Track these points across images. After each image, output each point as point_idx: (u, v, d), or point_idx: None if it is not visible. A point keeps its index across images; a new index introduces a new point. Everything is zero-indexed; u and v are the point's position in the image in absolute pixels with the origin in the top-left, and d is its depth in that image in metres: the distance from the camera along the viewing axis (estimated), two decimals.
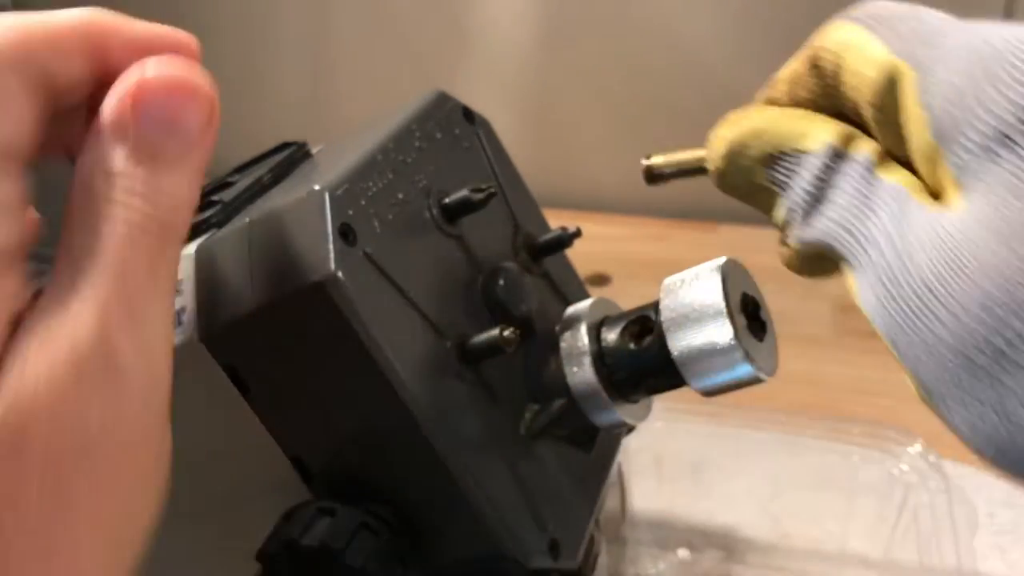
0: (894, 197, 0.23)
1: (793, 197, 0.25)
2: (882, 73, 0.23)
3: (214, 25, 0.95)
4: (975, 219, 0.21)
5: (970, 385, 0.21)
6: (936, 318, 0.21)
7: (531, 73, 0.90)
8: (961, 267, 0.21)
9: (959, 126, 0.21)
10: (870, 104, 0.24)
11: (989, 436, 0.21)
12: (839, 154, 0.24)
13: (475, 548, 0.27)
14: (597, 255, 0.78)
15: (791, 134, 0.25)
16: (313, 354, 0.26)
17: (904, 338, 0.22)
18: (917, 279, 0.22)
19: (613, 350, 0.29)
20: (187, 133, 0.21)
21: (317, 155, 0.33)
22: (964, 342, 0.21)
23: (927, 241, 0.22)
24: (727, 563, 0.52)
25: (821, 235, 0.24)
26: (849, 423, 0.50)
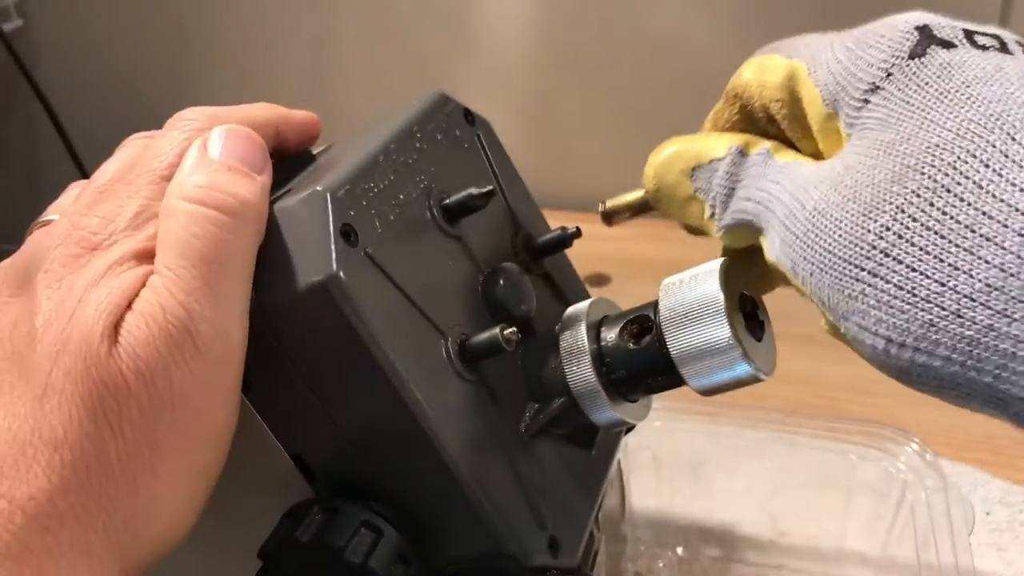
0: (788, 168, 0.27)
1: (712, 196, 0.29)
2: (783, 74, 0.28)
3: (215, 26, 0.96)
4: (854, 152, 0.25)
5: (862, 291, 0.24)
6: (828, 235, 0.25)
7: (531, 74, 0.90)
8: (842, 187, 0.25)
9: (845, 89, 0.26)
10: (777, 101, 0.28)
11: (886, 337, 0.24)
12: (742, 153, 0.29)
13: (475, 546, 0.28)
14: (597, 255, 0.78)
15: (704, 149, 0.30)
16: (315, 353, 0.27)
17: (805, 265, 0.25)
18: (809, 209, 0.25)
19: (612, 349, 0.30)
20: (253, 163, 0.28)
21: (319, 156, 0.33)
22: (853, 251, 0.24)
23: (817, 182, 0.26)
24: (725, 561, 0.52)
25: (736, 215, 0.28)
26: (847, 422, 0.50)
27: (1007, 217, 0.22)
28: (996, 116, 0.23)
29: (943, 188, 0.23)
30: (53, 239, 0.27)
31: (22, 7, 0.97)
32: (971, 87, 0.24)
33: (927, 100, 0.24)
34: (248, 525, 0.28)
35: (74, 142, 0.91)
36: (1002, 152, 0.23)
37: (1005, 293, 0.22)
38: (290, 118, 0.32)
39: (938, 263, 0.23)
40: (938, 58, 0.25)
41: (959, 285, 0.22)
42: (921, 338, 0.23)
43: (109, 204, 0.27)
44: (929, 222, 0.23)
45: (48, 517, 0.24)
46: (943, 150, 0.23)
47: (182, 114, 0.30)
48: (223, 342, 0.25)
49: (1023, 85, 0.24)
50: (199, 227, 0.26)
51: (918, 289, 0.23)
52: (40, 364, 0.25)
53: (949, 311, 0.22)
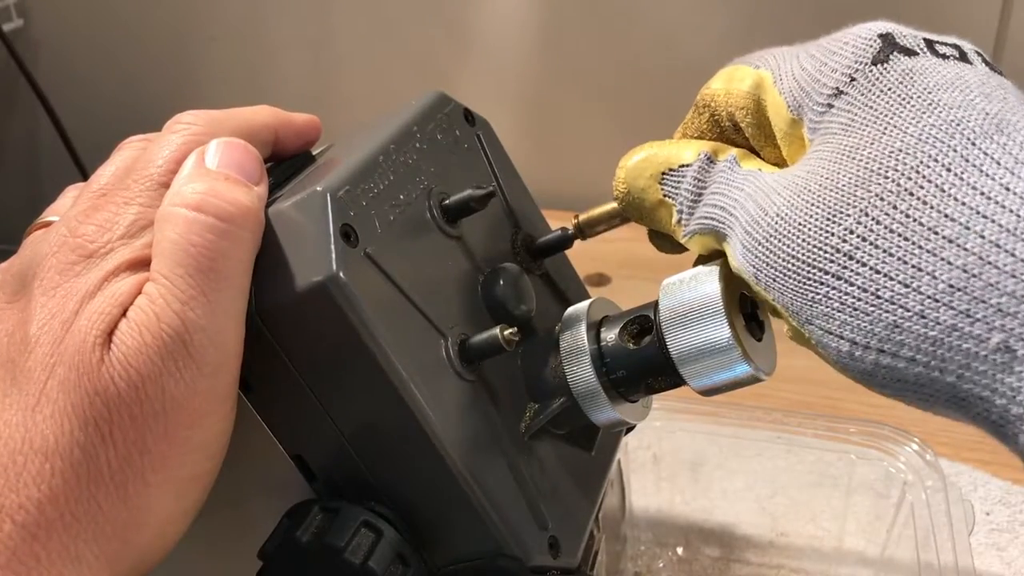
0: (753, 176, 0.28)
1: (680, 201, 0.29)
2: (750, 82, 0.29)
3: (215, 26, 0.96)
4: (817, 157, 0.26)
5: (826, 294, 0.24)
6: (791, 240, 0.25)
7: (531, 74, 0.90)
8: (806, 192, 0.25)
9: (809, 95, 0.27)
10: (743, 109, 0.29)
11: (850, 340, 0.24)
12: (711, 159, 0.29)
13: (475, 546, 0.28)
14: (597, 255, 0.79)
15: (674, 154, 0.30)
16: (315, 354, 0.27)
17: (768, 271, 0.26)
18: (772, 215, 0.26)
19: (612, 349, 0.30)
20: (250, 173, 0.28)
21: (319, 156, 0.33)
22: (817, 255, 0.24)
23: (780, 188, 0.26)
24: (725, 561, 0.52)
25: (701, 222, 0.29)
26: (846, 422, 0.50)
27: (969, 220, 0.22)
28: (957, 122, 0.24)
29: (906, 192, 0.23)
30: (49, 245, 0.27)
31: (22, 7, 0.97)
32: (933, 93, 0.24)
33: (890, 105, 0.25)
34: (248, 525, 0.28)
35: (74, 142, 0.90)
36: (963, 157, 0.23)
37: (967, 293, 0.22)
38: (290, 122, 0.32)
39: (902, 265, 0.23)
40: (901, 64, 0.25)
41: (922, 286, 0.22)
42: (885, 339, 0.23)
43: (105, 211, 0.27)
44: (893, 225, 0.23)
45: (37, 526, 0.24)
46: (906, 155, 0.24)
47: (180, 117, 0.30)
48: (217, 351, 0.25)
49: (983, 93, 0.24)
50: (196, 234, 0.25)
51: (882, 291, 0.23)
52: (34, 373, 0.25)
53: (913, 312, 0.23)
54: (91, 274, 0.26)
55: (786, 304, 0.25)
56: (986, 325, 0.22)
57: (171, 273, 0.25)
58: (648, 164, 0.30)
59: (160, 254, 0.26)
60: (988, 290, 0.22)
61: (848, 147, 0.25)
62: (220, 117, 0.30)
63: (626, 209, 0.31)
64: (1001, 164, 0.23)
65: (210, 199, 0.26)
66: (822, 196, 0.25)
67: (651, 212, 0.30)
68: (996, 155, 0.23)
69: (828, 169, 0.25)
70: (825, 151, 0.26)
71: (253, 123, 0.31)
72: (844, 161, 0.25)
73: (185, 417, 0.25)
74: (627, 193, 0.30)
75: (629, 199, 0.30)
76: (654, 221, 0.30)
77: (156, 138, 0.29)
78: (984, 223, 0.22)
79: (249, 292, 0.26)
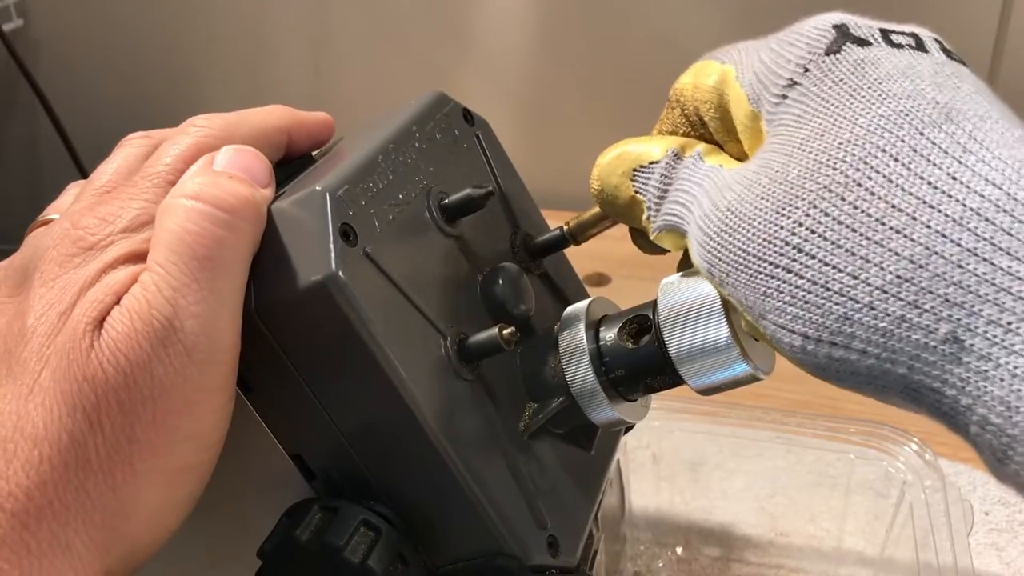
0: (713, 171, 0.28)
1: (648, 197, 0.29)
2: (715, 77, 0.29)
3: (215, 26, 0.96)
4: (769, 150, 0.26)
5: (777, 287, 0.24)
6: (742, 234, 0.25)
7: (531, 73, 0.90)
8: (756, 186, 0.25)
9: (765, 87, 0.27)
10: (708, 103, 0.29)
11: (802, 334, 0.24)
12: (678, 156, 0.29)
13: (475, 545, 0.28)
14: (597, 255, 0.78)
15: (644, 151, 0.30)
16: (314, 353, 0.27)
17: (721, 265, 0.26)
18: (723, 209, 0.26)
19: (611, 349, 0.30)
20: (257, 176, 0.28)
21: (317, 156, 0.33)
22: (767, 248, 0.24)
23: (732, 182, 0.26)
24: (724, 561, 0.52)
25: (665, 218, 0.29)
26: (846, 422, 0.50)
27: (915, 210, 0.22)
28: (906, 112, 0.24)
29: (854, 183, 0.23)
30: (51, 239, 0.27)
31: (22, 7, 0.97)
32: (883, 83, 0.24)
33: (841, 96, 0.25)
34: (247, 524, 0.28)
35: (74, 142, 0.91)
36: (911, 147, 0.23)
37: (915, 284, 0.22)
38: (303, 122, 0.32)
39: (850, 256, 0.23)
40: (853, 55, 0.25)
41: (871, 277, 0.22)
42: (836, 332, 0.23)
43: (109, 206, 0.27)
44: (840, 216, 0.23)
45: (27, 513, 0.24)
46: (854, 145, 0.24)
47: (193, 120, 0.30)
48: (209, 339, 0.25)
49: (934, 82, 0.24)
50: (193, 223, 0.25)
51: (831, 283, 0.23)
52: (29, 363, 0.25)
53: (862, 303, 0.23)
54: (90, 266, 0.26)
55: (739, 298, 0.25)
56: (934, 316, 0.22)
57: (166, 261, 0.25)
58: (620, 162, 0.30)
59: (157, 243, 0.26)
60: (935, 280, 0.22)
61: (799, 139, 0.25)
62: (233, 120, 0.30)
63: (602, 207, 0.31)
64: (949, 153, 0.23)
65: (210, 189, 0.26)
66: (772, 189, 0.25)
67: (625, 209, 0.30)
68: (944, 144, 0.23)
69: (778, 162, 0.25)
70: (777, 144, 0.26)
71: (266, 126, 0.31)
72: (794, 153, 0.25)
73: (174, 405, 0.25)
74: (601, 191, 0.31)
75: (603, 196, 0.31)
76: (629, 218, 0.31)
77: (168, 139, 0.30)
78: (931, 213, 0.22)
79: (248, 291, 0.26)
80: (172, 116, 0.30)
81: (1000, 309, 0.21)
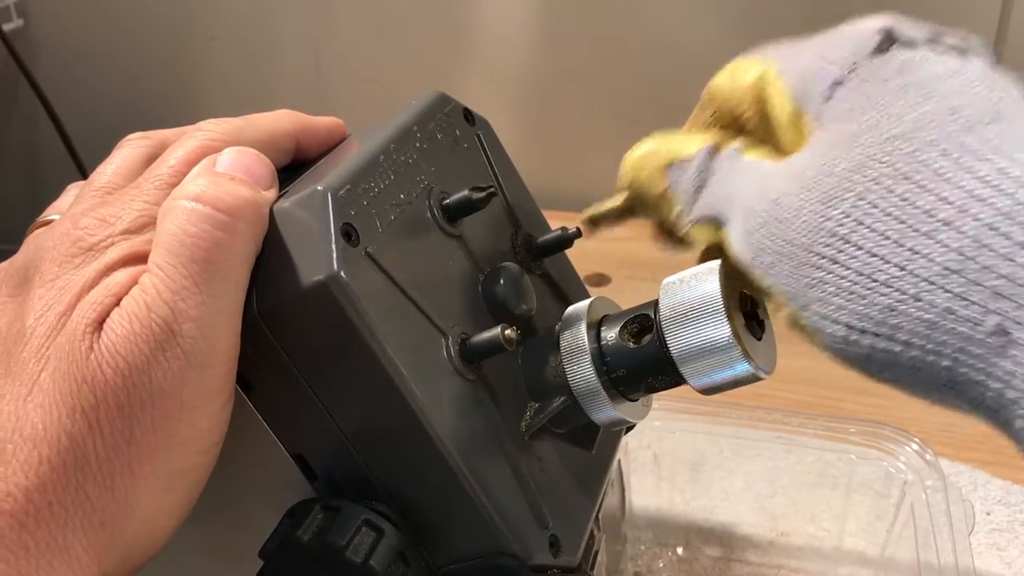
0: (755, 165, 0.28)
1: (682, 191, 0.30)
2: (755, 75, 0.29)
3: (215, 26, 0.96)
4: (817, 144, 0.26)
5: (822, 278, 0.24)
6: (788, 224, 0.25)
7: (531, 74, 0.90)
8: (803, 178, 0.25)
9: (813, 85, 0.27)
10: (747, 102, 0.29)
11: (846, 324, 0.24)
12: (714, 151, 0.29)
13: (476, 545, 0.28)
14: (597, 255, 0.79)
15: (678, 147, 0.30)
16: (316, 353, 0.27)
17: (765, 255, 0.26)
18: (770, 199, 0.26)
19: (613, 349, 0.30)
20: (259, 178, 0.28)
21: (318, 157, 0.33)
22: (813, 238, 0.24)
23: (779, 174, 0.26)
24: (725, 561, 0.52)
25: (703, 210, 0.29)
26: (847, 422, 0.50)
27: (964, 203, 0.22)
28: (954, 110, 0.24)
29: (902, 176, 0.23)
30: (52, 239, 0.27)
31: (22, 7, 0.97)
32: (931, 83, 0.25)
33: (888, 94, 0.25)
34: (249, 525, 0.28)
35: (74, 142, 0.91)
36: (959, 143, 0.23)
37: (963, 276, 0.22)
38: (313, 128, 0.32)
39: (897, 248, 0.23)
40: (900, 56, 0.26)
41: (918, 269, 0.23)
42: (881, 323, 0.23)
43: (110, 207, 0.27)
44: (889, 208, 0.23)
45: (25, 514, 0.24)
46: (903, 140, 0.24)
47: (202, 124, 0.30)
48: (208, 342, 0.25)
49: (983, 83, 0.24)
50: (193, 224, 0.25)
51: (877, 274, 0.23)
52: (28, 364, 0.25)
53: (908, 295, 0.23)
54: (90, 267, 0.26)
55: (783, 288, 0.25)
56: (981, 308, 0.22)
57: (165, 263, 0.25)
58: (653, 156, 0.30)
59: (157, 245, 0.26)
60: (983, 272, 0.22)
61: (847, 134, 0.25)
62: (240, 125, 0.30)
63: (630, 201, 0.31)
64: (998, 150, 0.23)
65: (210, 191, 0.26)
66: (819, 181, 0.25)
67: (656, 203, 0.30)
68: (994, 141, 0.23)
69: (826, 155, 0.25)
70: (824, 139, 0.26)
71: (274, 131, 0.31)
72: (842, 147, 0.25)
73: (173, 408, 0.25)
74: (631, 185, 0.31)
75: (633, 191, 0.31)
76: (659, 211, 0.31)
77: (174, 143, 0.30)
78: (980, 206, 0.22)
79: (249, 290, 0.26)
80: (172, 116, 0.30)
81: None
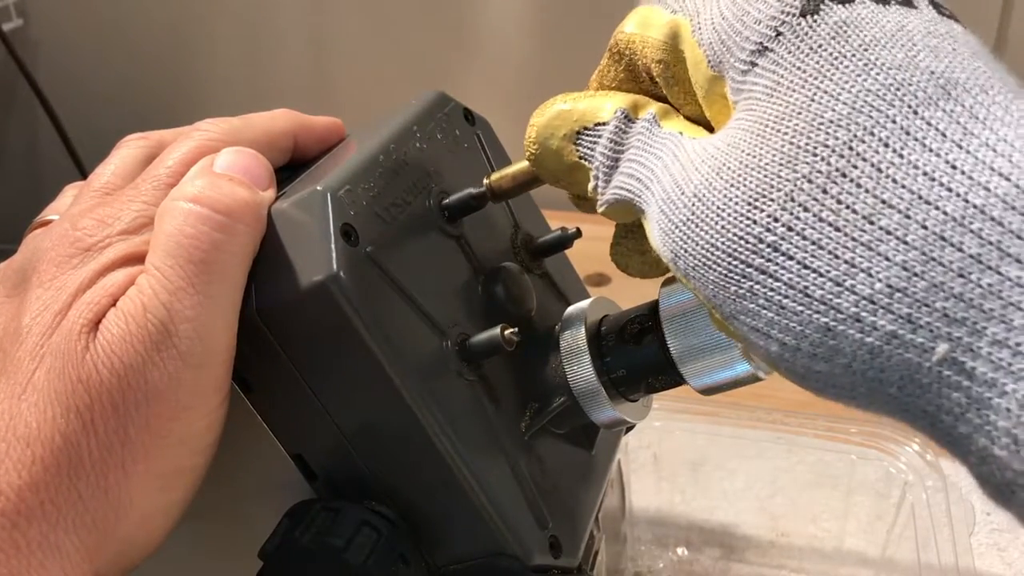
0: (673, 140, 0.24)
1: (596, 166, 0.26)
2: (665, 31, 0.25)
3: (215, 26, 0.96)
4: (739, 127, 0.22)
5: (751, 288, 0.21)
6: (710, 226, 0.22)
7: (531, 73, 0.90)
8: (726, 170, 0.22)
9: (730, 50, 0.23)
10: (658, 62, 0.25)
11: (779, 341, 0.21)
12: (629, 118, 0.26)
13: (476, 546, 0.28)
14: (597, 255, 0.78)
15: (589, 110, 0.26)
16: (315, 353, 0.27)
17: (687, 258, 0.22)
18: (689, 195, 0.22)
19: (613, 349, 0.30)
20: (257, 178, 0.28)
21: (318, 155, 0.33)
22: (739, 244, 0.21)
23: (698, 161, 0.23)
24: (725, 561, 0.52)
25: (617, 192, 0.25)
26: (847, 422, 0.50)
27: (909, 207, 0.19)
28: (897, 85, 0.20)
29: (838, 172, 0.20)
30: (50, 240, 0.27)
31: (22, 7, 0.97)
32: (870, 50, 0.21)
33: (820, 66, 0.21)
34: (248, 525, 0.28)
35: (74, 142, 0.91)
36: (903, 129, 0.20)
37: (909, 296, 0.19)
38: (311, 127, 0.32)
39: (833, 259, 0.20)
40: (834, 15, 0.22)
41: (857, 285, 0.20)
42: (818, 343, 0.20)
43: (109, 207, 0.27)
44: (822, 212, 0.20)
45: (17, 513, 0.24)
46: (838, 127, 0.20)
47: (200, 124, 0.30)
48: (204, 343, 0.25)
49: (928, 45, 0.21)
50: (191, 225, 0.25)
51: (812, 289, 0.20)
52: (23, 363, 0.25)
53: (847, 315, 0.20)
54: (87, 267, 0.26)
55: (708, 296, 0.22)
56: (930, 333, 0.19)
57: (162, 264, 0.25)
58: (562, 122, 0.27)
59: (155, 246, 0.26)
60: (932, 291, 0.19)
61: (773, 117, 0.22)
62: (238, 124, 0.30)
63: (541, 173, 0.28)
64: (948, 136, 0.20)
65: (208, 191, 0.26)
66: (743, 176, 0.21)
67: (567, 175, 0.27)
68: (942, 125, 0.20)
69: (750, 143, 0.22)
70: (748, 120, 0.22)
71: (272, 130, 0.31)
72: (768, 134, 0.21)
73: (168, 408, 0.25)
74: (540, 155, 0.27)
75: (541, 161, 0.27)
76: (572, 185, 0.27)
77: (172, 144, 0.29)
78: (927, 211, 0.19)
79: (248, 291, 0.26)
80: (172, 116, 0.30)
81: (1007, 328, 0.18)
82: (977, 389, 0.18)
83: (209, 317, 0.25)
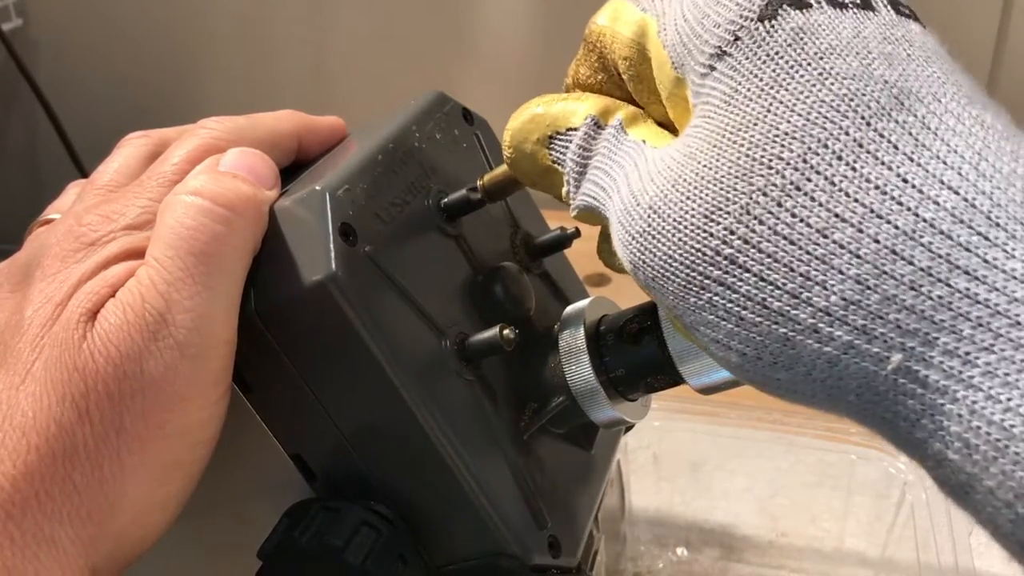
0: (636, 149, 0.24)
1: (567, 171, 0.26)
2: (633, 28, 0.25)
3: (215, 26, 0.96)
4: (696, 136, 0.22)
5: (710, 300, 0.21)
6: (668, 238, 0.22)
7: (530, 74, 0.90)
8: (682, 182, 0.22)
9: (690, 52, 0.23)
10: (624, 59, 0.25)
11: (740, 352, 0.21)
12: (598, 124, 0.26)
13: (475, 545, 0.28)
14: (596, 255, 0.78)
15: (562, 114, 0.26)
16: (314, 353, 0.27)
17: (646, 270, 0.23)
18: (645, 206, 0.23)
19: (612, 348, 0.30)
20: (262, 177, 0.28)
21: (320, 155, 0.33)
22: (697, 257, 0.22)
23: (655, 172, 0.23)
24: (725, 561, 0.52)
25: (584, 198, 0.26)
26: (847, 422, 0.50)
27: (862, 221, 0.20)
28: (851, 96, 0.20)
29: (792, 186, 0.20)
30: (54, 236, 0.27)
31: (22, 7, 0.97)
32: (825, 59, 0.21)
33: (776, 75, 0.21)
34: (247, 525, 0.28)
35: (74, 142, 0.91)
36: (856, 141, 0.20)
37: (863, 308, 0.19)
38: (314, 127, 0.32)
39: (789, 272, 0.20)
40: (791, 21, 0.22)
41: (813, 298, 0.20)
42: (777, 353, 0.21)
43: (113, 204, 0.28)
44: (778, 226, 0.20)
45: (11, 504, 0.24)
46: (792, 139, 0.21)
47: (204, 122, 0.30)
48: (202, 336, 0.25)
49: (883, 53, 0.21)
50: (191, 218, 0.26)
51: (770, 301, 0.21)
52: (23, 354, 0.25)
53: (805, 326, 0.20)
54: (90, 260, 0.26)
55: (669, 307, 0.23)
56: (885, 343, 0.19)
57: (162, 255, 0.25)
58: (535, 126, 0.27)
59: (156, 239, 0.26)
60: (886, 304, 0.19)
61: (729, 127, 0.22)
62: (243, 124, 0.30)
63: (518, 175, 0.28)
64: (900, 149, 0.20)
65: (210, 186, 0.26)
66: (699, 188, 0.22)
67: (543, 179, 0.27)
68: (894, 137, 0.20)
69: (707, 154, 0.22)
70: (704, 130, 0.22)
71: (276, 131, 0.31)
72: (724, 145, 0.22)
73: (164, 399, 0.25)
74: (515, 159, 0.27)
75: (518, 165, 0.27)
76: (548, 188, 0.27)
77: (176, 141, 0.30)
78: (879, 225, 0.19)
79: (247, 290, 0.26)
80: (172, 116, 0.30)
81: (958, 338, 0.19)
82: (930, 396, 0.19)
83: (208, 308, 0.25)
